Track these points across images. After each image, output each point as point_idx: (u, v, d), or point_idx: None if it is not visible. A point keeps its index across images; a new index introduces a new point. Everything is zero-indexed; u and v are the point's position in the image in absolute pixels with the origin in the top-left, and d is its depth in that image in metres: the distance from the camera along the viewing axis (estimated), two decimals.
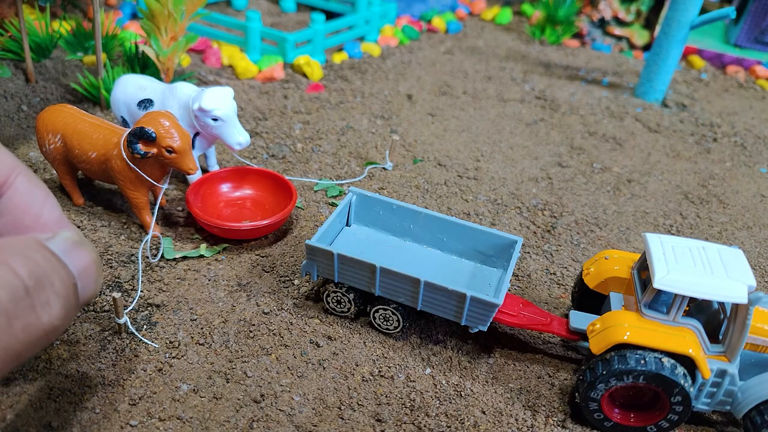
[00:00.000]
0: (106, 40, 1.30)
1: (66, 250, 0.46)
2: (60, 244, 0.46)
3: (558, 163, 1.23)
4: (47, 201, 0.51)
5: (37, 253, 0.43)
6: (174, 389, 0.67)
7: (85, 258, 0.47)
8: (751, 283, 0.63)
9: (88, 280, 0.47)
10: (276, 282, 0.84)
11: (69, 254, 0.46)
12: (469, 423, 0.67)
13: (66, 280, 0.43)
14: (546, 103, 1.50)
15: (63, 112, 0.89)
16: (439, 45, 1.83)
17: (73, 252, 0.46)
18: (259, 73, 1.44)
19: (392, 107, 1.38)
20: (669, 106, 1.54)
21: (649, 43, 1.95)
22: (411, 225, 0.85)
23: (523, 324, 0.75)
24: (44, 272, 0.42)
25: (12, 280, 0.39)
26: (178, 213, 0.96)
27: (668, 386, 0.64)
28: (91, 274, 0.47)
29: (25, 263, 0.41)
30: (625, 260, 0.76)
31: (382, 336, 0.77)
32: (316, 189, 1.05)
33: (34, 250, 0.43)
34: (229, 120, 0.90)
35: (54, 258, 0.44)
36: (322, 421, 0.66)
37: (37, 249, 0.43)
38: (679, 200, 1.15)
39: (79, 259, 0.46)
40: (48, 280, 0.42)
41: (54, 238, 0.46)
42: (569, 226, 1.03)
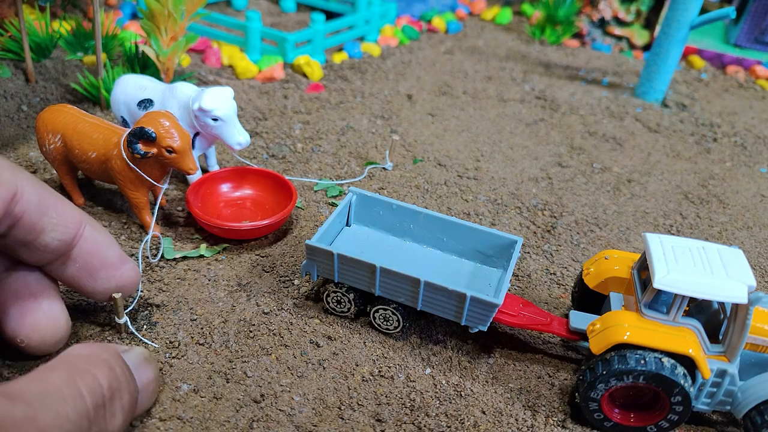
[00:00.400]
0: (106, 40, 1.30)
1: (137, 364, 0.51)
2: (133, 358, 0.51)
3: (558, 163, 1.23)
4: (110, 243, 0.58)
5: (116, 365, 0.47)
6: (174, 389, 0.67)
7: (150, 375, 0.53)
8: (751, 283, 0.63)
9: (148, 392, 0.53)
10: (276, 282, 0.84)
11: (138, 368, 0.51)
12: (469, 423, 0.67)
13: (133, 393, 0.48)
14: (546, 103, 1.50)
15: (63, 112, 0.89)
16: (439, 45, 1.83)
17: (142, 367, 0.52)
18: (259, 73, 1.44)
19: (392, 107, 1.38)
20: (669, 106, 1.54)
21: (649, 43, 1.95)
22: (411, 225, 0.85)
23: (523, 324, 0.75)
24: (119, 386, 0.46)
25: (97, 389, 0.43)
26: (178, 213, 0.96)
27: (668, 386, 0.64)
28: (151, 389, 0.54)
29: (108, 375, 0.45)
30: (625, 260, 0.76)
31: (382, 336, 0.77)
32: (316, 189, 1.05)
33: (114, 362, 0.47)
34: (229, 120, 0.91)
35: (128, 372, 0.49)
36: (322, 421, 0.66)
37: (116, 361, 0.48)
38: (679, 200, 1.15)
39: (145, 373, 0.52)
40: (119, 393, 0.46)
41: (129, 352, 0.52)
42: (569, 226, 1.03)
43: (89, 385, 0.42)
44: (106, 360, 0.46)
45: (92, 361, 0.44)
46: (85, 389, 0.42)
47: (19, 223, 0.50)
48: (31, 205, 0.49)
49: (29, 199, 0.49)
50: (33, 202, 0.50)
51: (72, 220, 0.53)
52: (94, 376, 0.43)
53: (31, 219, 0.50)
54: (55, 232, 0.52)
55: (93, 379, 0.43)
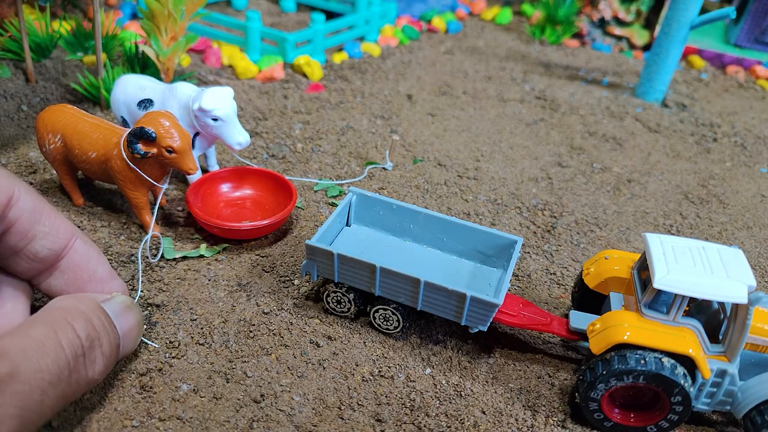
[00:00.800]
0: (106, 40, 1.30)
1: (118, 312, 0.53)
2: (114, 306, 0.54)
3: (558, 163, 1.23)
4: (100, 259, 0.59)
5: (94, 316, 0.49)
6: (174, 389, 0.67)
7: (132, 321, 0.55)
8: (751, 283, 0.63)
9: (130, 338, 0.55)
10: (276, 282, 0.84)
11: (119, 316, 0.53)
12: (469, 423, 0.67)
13: (113, 342, 0.51)
14: (546, 103, 1.50)
15: (63, 112, 0.89)
16: (439, 45, 1.83)
17: (123, 315, 0.54)
18: (259, 73, 1.44)
19: (392, 107, 1.38)
20: (669, 106, 1.54)
21: (649, 43, 1.95)
22: (411, 225, 0.85)
23: (523, 324, 0.75)
24: (98, 335, 0.49)
25: (75, 340, 0.46)
26: (178, 213, 0.96)
27: (668, 386, 0.64)
28: (134, 335, 0.56)
29: (85, 326, 0.48)
30: (625, 260, 0.76)
31: (382, 336, 0.77)
32: (316, 189, 1.05)
33: (93, 313, 0.50)
34: (229, 120, 0.91)
35: (107, 321, 0.51)
36: (322, 421, 0.66)
37: (94, 312, 0.50)
38: (679, 200, 1.15)
39: (126, 321, 0.54)
40: (99, 342, 0.49)
41: (110, 301, 0.54)
42: (569, 226, 1.03)
43: (68, 337, 0.45)
44: (84, 312, 0.48)
45: (71, 313, 0.47)
46: (64, 341, 0.45)
47: (12, 229, 0.51)
48: (25, 212, 0.51)
49: (24, 205, 0.51)
50: (27, 209, 0.51)
51: (64, 230, 0.55)
52: (72, 327, 0.46)
53: (24, 226, 0.51)
54: (45, 240, 0.53)
55: (71, 331, 0.46)
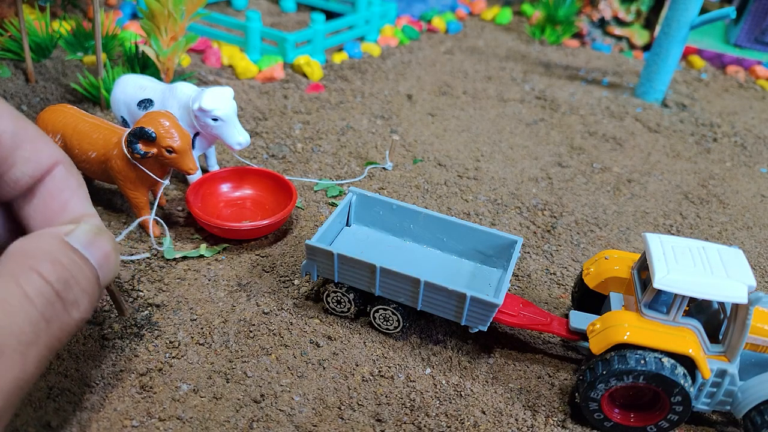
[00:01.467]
0: (106, 40, 1.30)
1: (86, 243, 0.47)
2: (80, 237, 0.47)
3: (558, 163, 1.23)
4: (78, 191, 0.54)
5: (62, 254, 0.44)
6: (174, 389, 0.67)
7: (104, 247, 0.49)
8: (751, 283, 0.63)
9: (108, 266, 0.49)
10: (276, 282, 0.84)
11: (89, 247, 0.47)
12: (469, 423, 0.67)
13: (90, 276, 0.46)
14: (546, 103, 1.50)
15: (63, 111, 0.89)
16: (439, 45, 1.83)
17: (93, 243, 0.48)
18: (259, 73, 1.44)
19: (392, 107, 1.38)
20: (669, 106, 1.54)
21: (649, 43, 1.95)
22: (411, 225, 0.85)
23: (523, 324, 0.75)
24: (70, 274, 0.44)
25: (44, 288, 0.41)
26: (178, 213, 0.96)
27: (668, 386, 0.64)
28: (111, 260, 0.49)
29: (53, 268, 0.43)
30: (625, 260, 0.76)
31: (382, 336, 0.77)
32: (316, 189, 1.05)
33: (59, 252, 0.44)
34: (229, 120, 0.90)
35: (77, 256, 0.46)
36: (322, 421, 0.66)
37: (61, 250, 0.45)
38: (679, 200, 1.15)
39: (98, 249, 0.48)
40: (74, 280, 0.44)
41: (74, 232, 0.47)
42: (569, 226, 1.03)
43: (35, 286, 0.41)
44: (48, 252, 0.44)
45: (34, 257, 0.42)
46: (31, 292, 0.40)
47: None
48: (4, 136, 0.47)
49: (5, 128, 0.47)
50: (7, 133, 0.47)
51: (47, 156, 0.50)
52: (38, 274, 0.41)
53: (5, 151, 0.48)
54: (26, 166, 0.49)
55: (38, 278, 0.41)
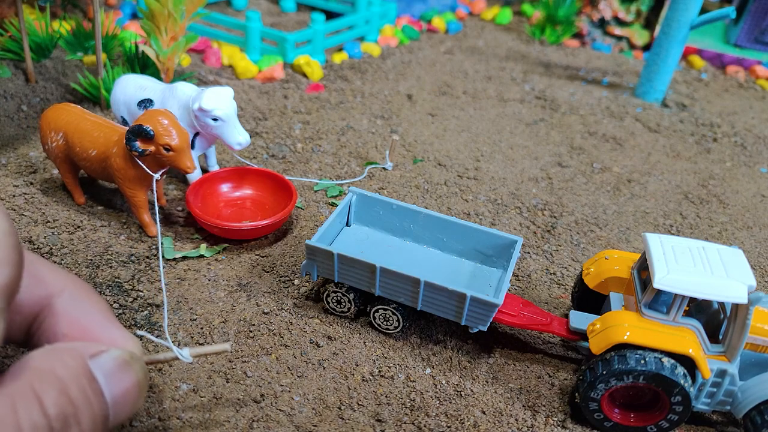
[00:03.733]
0: (106, 40, 1.30)
1: (110, 372, 0.42)
2: (105, 364, 0.42)
3: (558, 163, 1.23)
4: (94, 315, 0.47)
5: (73, 383, 0.39)
6: (174, 389, 0.67)
7: (128, 381, 0.43)
8: (751, 283, 0.63)
9: (125, 405, 0.43)
10: (276, 282, 0.84)
11: (111, 378, 0.42)
12: (469, 423, 0.67)
13: (96, 416, 0.40)
14: (546, 103, 1.50)
15: (66, 110, 0.90)
16: (439, 45, 1.83)
17: (117, 375, 0.43)
18: (259, 73, 1.44)
19: (392, 107, 1.38)
20: (669, 106, 1.54)
21: (649, 43, 1.95)
22: (411, 225, 0.85)
23: (523, 324, 0.75)
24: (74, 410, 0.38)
25: (39, 421, 0.36)
26: (178, 213, 0.96)
27: (668, 386, 0.64)
28: (130, 398, 0.44)
29: (57, 400, 0.37)
30: (625, 260, 0.76)
31: (382, 336, 0.77)
32: (316, 189, 1.05)
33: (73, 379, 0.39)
34: (229, 120, 0.90)
35: (90, 388, 0.40)
36: (322, 421, 0.66)
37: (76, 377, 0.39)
38: (679, 200, 1.15)
39: (120, 382, 0.43)
40: (76, 418, 0.38)
41: (101, 356, 0.42)
42: (569, 226, 1.03)
43: (30, 417, 0.35)
44: (60, 379, 0.38)
45: (42, 380, 0.37)
46: (24, 422, 0.35)
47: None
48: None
49: None
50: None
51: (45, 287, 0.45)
52: (39, 402, 0.36)
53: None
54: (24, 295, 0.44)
55: (37, 408, 0.36)
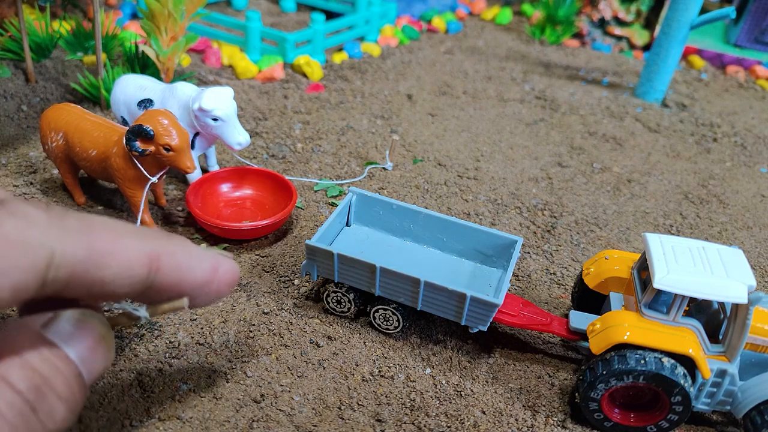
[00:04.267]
0: (106, 40, 1.30)
1: (67, 335, 0.42)
2: (61, 329, 0.42)
3: (558, 163, 1.23)
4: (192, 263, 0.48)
5: (35, 355, 0.40)
6: (174, 389, 0.67)
7: (90, 337, 0.43)
8: (751, 283, 0.63)
9: (95, 359, 0.43)
10: (276, 282, 0.84)
11: (70, 339, 0.42)
12: (469, 423, 0.67)
13: (69, 378, 0.41)
14: (546, 103, 1.50)
15: (66, 110, 0.90)
16: (439, 45, 1.83)
17: (75, 335, 0.43)
18: (259, 73, 1.44)
19: (392, 107, 1.38)
20: (669, 106, 1.54)
21: (649, 43, 1.95)
22: (411, 225, 0.85)
23: (523, 324, 0.75)
24: (44, 380, 0.39)
25: (14, 399, 0.37)
26: (178, 213, 0.96)
27: (668, 386, 0.64)
28: (101, 351, 0.44)
29: (23, 375, 0.38)
30: (625, 260, 0.76)
31: (382, 336, 0.77)
32: (316, 189, 1.05)
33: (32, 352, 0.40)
34: (229, 120, 0.90)
35: (53, 355, 0.41)
36: (322, 421, 0.66)
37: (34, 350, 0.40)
38: (679, 200, 1.15)
39: (82, 341, 0.43)
40: (48, 386, 0.39)
41: (53, 324, 0.42)
42: (569, 226, 1.03)
43: (5, 399, 0.37)
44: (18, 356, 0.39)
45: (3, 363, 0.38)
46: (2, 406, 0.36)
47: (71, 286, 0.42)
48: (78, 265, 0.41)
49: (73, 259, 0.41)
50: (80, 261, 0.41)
51: (138, 261, 0.44)
52: (7, 383, 0.37)
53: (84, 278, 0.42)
54: (119, 280, 0.43)
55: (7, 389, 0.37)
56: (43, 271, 0.39)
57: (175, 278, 0.46)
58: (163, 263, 0.45)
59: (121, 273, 0.43)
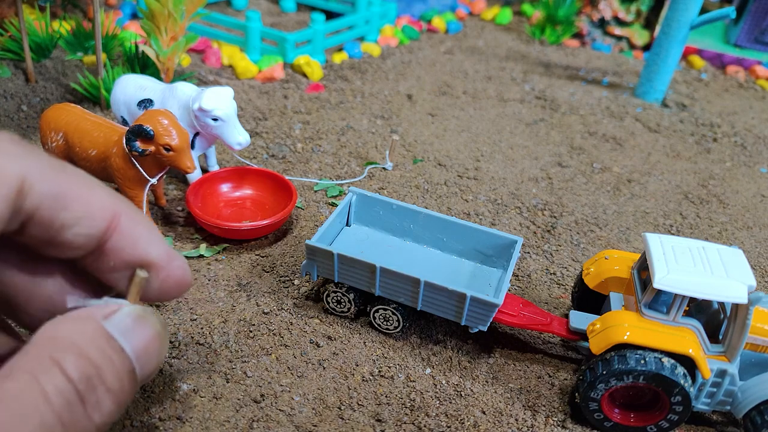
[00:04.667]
0: (106, 40, 1.30)
1: (126, 329, 0.43)
2: (120, 322, 0.43)
3: (558, 163, 1.23)
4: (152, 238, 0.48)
5: (91, 345, 0.40)
6: (174, 389, 0.67)
7: (147, 335, 0.44)
8: (751, 283, 0.63)
9: (149, 357, 0.44)
10: (276, 282, 0.84)
11: (129, 334, 0.43)
12: (469, 423, 0.67)
13: (121, 372, 0.41)
14: (546, 103, 1.50)
15: (66, 110, 0.90)
16: (439, 45, 1.83)
17: (134, 330, 0.44)
18: (259, 73, 1.44)
19: (392, 107, 1.38)
20: (669, 106, 1.54)
21: (649, 43, 1.95)
22: (411, 225, 0.85)
23: (523, 324, 0.75)
24: (96, 371, 0.39)
25: (64, 387, 0.37)
26: (178, 213, 0.96)
27: (668, 386, 0.64)
28: (153, 350, 0.45)
29: (77, 363, 0.38)
30: (625, 260, 0.76)
31: (382, 336, 0.77)
32: (316, 189, 1.05)
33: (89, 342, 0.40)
34: (229, 120, 0.90)
35: (109, 347, 0.41)
36: (322, 421, 0.66)
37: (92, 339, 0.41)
38: (679, 200, 1.15)
39: (139, 337, 0.44)
40: (100, 378, 0.39)
41: (114, 317, 0.43)
42: (569, 226, 1.03)
43: (54, 384, 0.37)
44: (76, 344, 0.39)
45: (59, 348, 0.39)
46: (51, 390, 0.36)
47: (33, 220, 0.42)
48: (45, 199, 0.42)
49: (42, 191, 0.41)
50: (47, 195, 0.42)
51: (101, 213, 0.45)
52: (60, 369, 0.37)
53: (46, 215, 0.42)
54: (78, 227, 0.44)
55: (59, 374, 0.37)
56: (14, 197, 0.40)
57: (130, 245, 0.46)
58: (122, 225, 0.46)
59: (83, 220, 0.43)
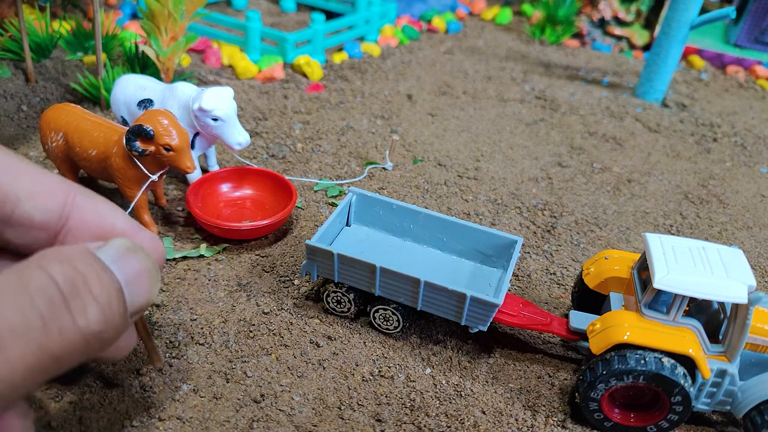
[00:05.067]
0: (106, 40, 1.30)
1: (115, 257, 0.45)
2: (110, 251, 0.45)
3: (558, 163, 1.23)
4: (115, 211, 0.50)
5: (78, 259, 0.42)
6: (174, 389, 0.67)
7: (136, 265, 0.46)
8: (751, 283, 0.63)
9: (139, 287, 0.46)
10: (276, 282, 0.84)
11: (118, 261, 0.45)
12: (469, 423, 0.67)
13: (108, 288, 0.43)
14: (546, 103, 1.50)
15: (66, 110, 0.90)
16: (439, 45, 1.83)
17: (123, 259, 0.45)
18: (259, 73, 1.44)
19: (392, 107, 1.38)
20: (669, 106, 1.54)
21: (649, 43, 1.95)
22: (411, 225, 0.85)
23: (523, 324, 0.75)
24: (83, 278, 0.41)
25: (47, 285, 0.39)
26: (178, 213, 0.96)
27: (668, 386, 0.64)
28: (143, 281, 0.46)
29: (62, 269, 0.40)
30: (625, 260, 0.76)
31: (382, 336, 0.77)
32: (316, 189, 1.05)
33: (76, 256, 0.42)
34: (229, 120, 0.91)
35: (97, 264, 0.43)
36: (322, 421, 0.66)
37: (79, 256, 0.42)
38: (679, 200, 1.15)
39: (128, 266, 0.45)
40: (85, 285, 0.41)
41: (105, 246, 0.45)
42: (569, 226, 1.03)
43: (37, 282, 0.39)
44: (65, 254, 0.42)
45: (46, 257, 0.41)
46: (32, 285, 0.39)
47: None
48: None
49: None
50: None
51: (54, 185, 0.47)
52: (44, 272, 0.40)
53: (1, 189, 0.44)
54: (34, 200, 0.45)
55: (43, 275, 0.39)
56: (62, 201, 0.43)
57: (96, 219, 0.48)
58: (79, 201, 0.48)
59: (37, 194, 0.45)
